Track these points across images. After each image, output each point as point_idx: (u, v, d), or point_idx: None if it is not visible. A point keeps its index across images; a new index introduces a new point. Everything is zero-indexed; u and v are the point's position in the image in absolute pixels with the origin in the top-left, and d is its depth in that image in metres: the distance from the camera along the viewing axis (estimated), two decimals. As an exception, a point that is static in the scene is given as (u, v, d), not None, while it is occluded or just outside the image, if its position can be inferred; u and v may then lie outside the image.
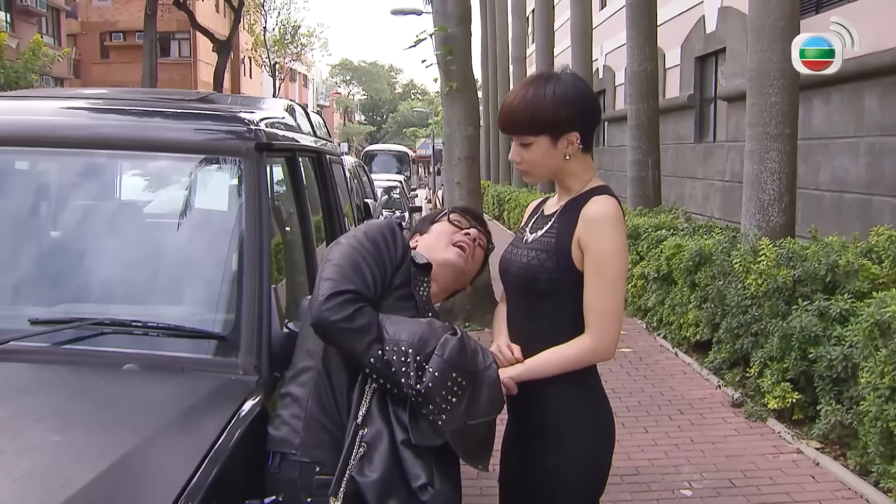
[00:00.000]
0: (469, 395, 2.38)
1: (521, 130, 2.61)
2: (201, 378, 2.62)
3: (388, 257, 2.56)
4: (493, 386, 2.45)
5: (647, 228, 10.53)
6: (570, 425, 2.64)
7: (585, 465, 2.67)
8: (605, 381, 2.80)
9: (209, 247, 3.09)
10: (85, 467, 1.98)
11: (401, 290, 2.58)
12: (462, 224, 2.96)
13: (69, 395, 2.55)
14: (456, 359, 2.37)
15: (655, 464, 5.87)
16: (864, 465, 5.35)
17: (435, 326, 2.45)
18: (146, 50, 27.73)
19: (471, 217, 3.04)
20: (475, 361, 2.43)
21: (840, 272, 6.33)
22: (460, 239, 2.89)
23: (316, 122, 4.84)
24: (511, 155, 2.69)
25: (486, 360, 2.48)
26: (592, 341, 2.56)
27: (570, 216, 2.60)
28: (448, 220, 2.97)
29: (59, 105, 3.55)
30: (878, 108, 10.34)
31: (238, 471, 2.29)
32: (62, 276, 3.01)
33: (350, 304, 2.38)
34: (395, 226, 2.70)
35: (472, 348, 2.46)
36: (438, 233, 2.93)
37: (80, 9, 50.11)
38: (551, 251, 2.59)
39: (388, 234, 2.63)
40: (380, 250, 2.55)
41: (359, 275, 2.45)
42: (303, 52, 65.98)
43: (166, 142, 3.14)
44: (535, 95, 2.59)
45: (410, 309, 2.56)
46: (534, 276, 2.61)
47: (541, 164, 2.64)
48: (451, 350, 2.37)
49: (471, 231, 2.94)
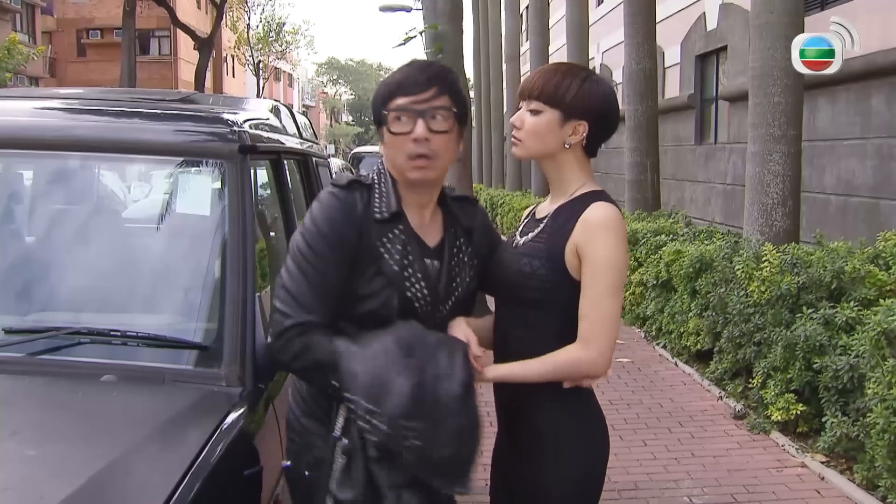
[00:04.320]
0: (428, 434, 2.27)
1: (538, 96, 2.60)
2: (183, 390, 2.62)
3: (338, 245, 2.44)
4: (455, 414, 2.31)
5: (646, 233, 10.53)
6: (563, 439, 2.63)
7: (578, 481, 2.66)
8: (602, 392, 2.81)
9: (190, 253, 3.09)
10: (61, 482, 1.98)
11: (370, 268, 2.46)
12: (405, 123, 2.48)
13: (45, 407, 2.55)
14: (405, 409, 2.25)
15: (655, 478, 5.88)
16: (872, 480, 5.36)
17: (392, 358, 2.30)
18: (125, 48, 27.76)
19: (412, 87, 2.50)
20: (434, 402, 2.28)
21: (846, 279, 6.35)
22: (411, 151, 2.47)
23: (301, 123, 4.86)
24: (514, 118, 2.66)
25: (450, 386, 2.31)
26: (584, 351, 2.53)
27: (566, 221, 2.58)
28: (388, 131, 2.51)
29: (34, 105, 3.54)
30: (885, 108, 10.38)
31: (221, 485, 2.29)
32: (37, 284, 3.01)
33: (297, 339, 2.38)
34: (337, 196, 2.49)
35: (431, 384, 2.29)
36: (390, 144, 2.53)
37: (56, 5, 50.06)
38: (543, 257, 2.57)
39: (333, 212, 2.47)
40: (326, 245, 2.43)
41: (306, 296, 2.40)
42: (288, 50, 66.11)
43: (146, 144, 3.14)
44: (569, 74, 2.62)
45: (384, 289, 2.46)
46: (525, 284, 2.58)
47: (539, 137, 2.62)
48: (399, 401, 2.25)
49: (416, 131, 2.46)
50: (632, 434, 6.75)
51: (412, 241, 2.53)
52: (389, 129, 2.49)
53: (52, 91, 5.40)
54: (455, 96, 2.52)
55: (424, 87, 2.47)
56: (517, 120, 2.65)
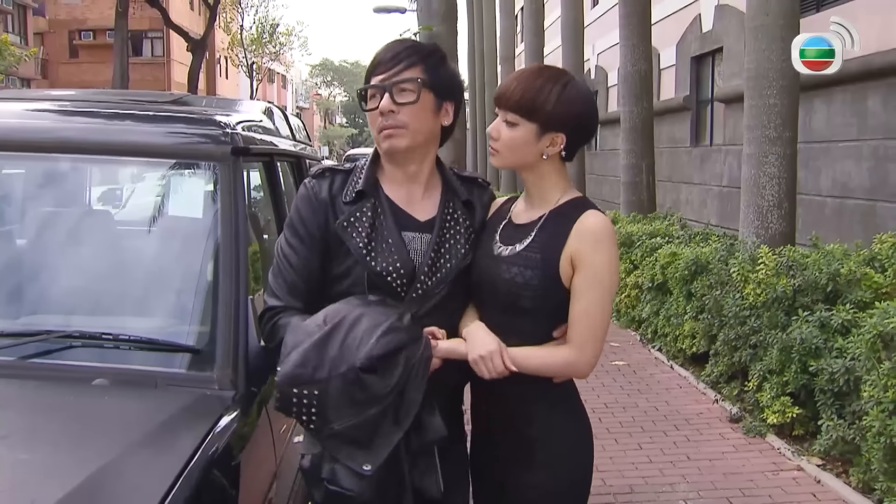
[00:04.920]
0: (322, 402, 2.30)
1: (515, 108, 2.59)
2: (175, 393, 2.62)
3: (305, 233, 2.64)
4: (350, 384, 2.30)
5: (642, 236, 10.54)
6: (556, 440, 2.66)
7: (574, 481, 2.70)
8: (598, 395, 2.84)
9: (183, 255, 3.09)
10: (53, 486, 1.98)
11: (340, 248, 2.61)
12: (375, 99, 2.62)
13: (36, 411, 2.55)
14: (290, 376, 2.31)
15: (650, 482, 5.88)
16: (868, 483, 5.38)
17: (308, 330, 2.37)
18: (117, 49, 27.75)
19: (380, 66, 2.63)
20: (329, 371, 2.30)
21: (842, 281, 6.36)
22: (379, 124, 2.60)
23: (295, 124, 4.86)
24: (490, 129, 2.65)
25: (351, 357, 2.31)
26: (575, 355, 2.56)
27: (558, 230, 2.59)
28: (363, 110, 2.68)
29: (26, 107, 3.55)
30: (882, 109, 10.39)
31: (214, 489, 2.29)
32: (29, 287, 3.01)
33: (268, 323, 2.63)
34: (305, 186, 2.70)
35: (331, 352, 2.32)
36: (369, 121, 2.68)
37: (48, 6, 50.03)
38: (537, 268, 2.57)
39: (300, 202, 2.68)
40: (295, 235, 2.65)
41: (279, 283, 2.64)
42: (281, 51, 66.15)
43: (138, 146, 3.13)
44: (546, 83, 2.59)
45: (353, 266, 2.60)
46: (517, 294, 2.58)
47: (516, 150, 2.62)
48: (287, 368, 2.32)
49: (381, 105, 2.58)
50: (627, 437, 6.76)
51: (387, 215, 2.63)
52: (363, 108, 2.66)
53: (44, 93, 5.40)
54: (430, 68, 2.63)
55: (391, 64, 2.59)
56: (494, 131, 2.64)
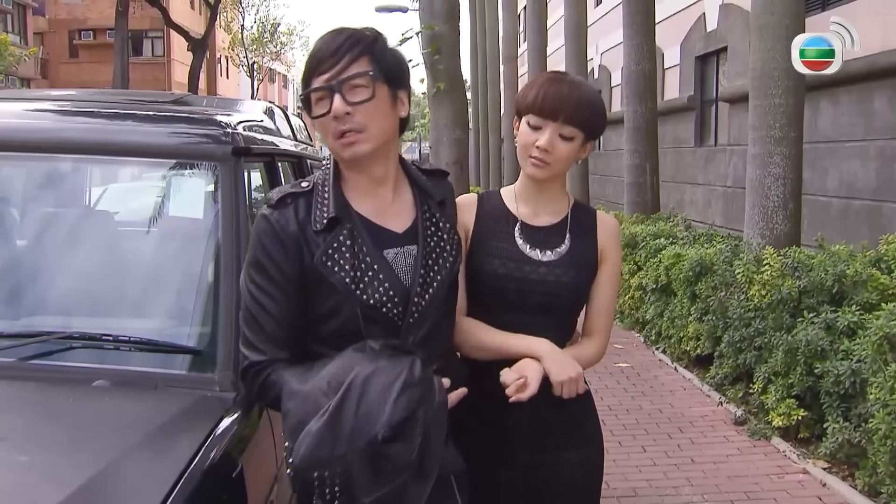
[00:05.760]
0: (346, 478, 2.05)
1: (578, 122, 2.56)
2: (176, 395, 2.62)
3: (278, 274, 2.35)
4: (376, 457, 2.05)
5: (645, 237, 10.55)
6: (592, 417, 2.82)
7: (601, 464, 2.89)
8: (602, 398, 2.87)
9: (183, 256, 3.08)
10: (53, 489, 1.97)
11: (322, 285, 2.33)
12: (324, 103, 2.35)
13: (36, 412, 2.54)
14: (308, 459, 2.05)
15: (654, 485, 5.88)
16: (874, 486, 5.37)
17: (315, 400, 2.11)
18: (117, 49, 27.79)
19: (322, 64, 2.35)
20: (340, 443, 2.04)
21: (848, 283, 6.36)
22: (335, 129, 2.35)
23: (296, 124, 4.86)
24: (544, 142, 2.54)
25: (371, 429, 2.04)
26: (603, 344, 2.75)
27: (585, 229, 2.72)
28: (311, 116, 2.42)
29: (26, 107, 3.55)
30: (888, 109, 10.38)
31: (214, 491, 2.28)
32: (29, 288, 3.01)
33: (254, 379, 2.36)
34: (267, 218, 2.37)
35: (347, 426, 2.05)
36: (319, 128, 2.42)
37: (48, 5, 50.12)
38: (582, 266, 2.68)
39: (264, 238, 2.37)
40: (264, 277, 2.35)
41: (257, 334, 2.36)
42: (282, 51, 66.14)
43: (138, 146, 3.13)
44: (589, 93, 2.63)
45: (342, 304, 2.33)
46: (556, 294, 2.64)
47: (567, 162, 2.64)
48: (305, 449, 2.06)
49: (333, 108, 2.32)
50: (631, 440, 6.75)
51: (365, 238, 2.37)
52: (311, 114, 2.39)
53: (44, 93, 5.40)
54: (378, 57, 2.36)
55: (335, 60, 2.31)
56: (548, 145, 2.56)
